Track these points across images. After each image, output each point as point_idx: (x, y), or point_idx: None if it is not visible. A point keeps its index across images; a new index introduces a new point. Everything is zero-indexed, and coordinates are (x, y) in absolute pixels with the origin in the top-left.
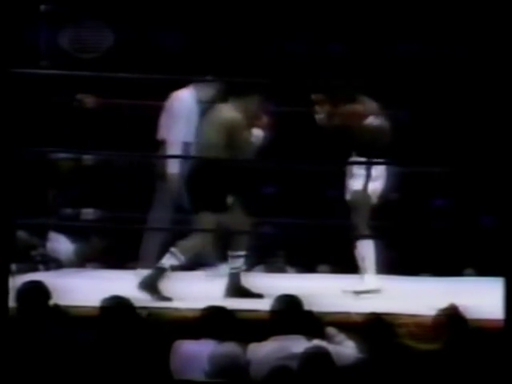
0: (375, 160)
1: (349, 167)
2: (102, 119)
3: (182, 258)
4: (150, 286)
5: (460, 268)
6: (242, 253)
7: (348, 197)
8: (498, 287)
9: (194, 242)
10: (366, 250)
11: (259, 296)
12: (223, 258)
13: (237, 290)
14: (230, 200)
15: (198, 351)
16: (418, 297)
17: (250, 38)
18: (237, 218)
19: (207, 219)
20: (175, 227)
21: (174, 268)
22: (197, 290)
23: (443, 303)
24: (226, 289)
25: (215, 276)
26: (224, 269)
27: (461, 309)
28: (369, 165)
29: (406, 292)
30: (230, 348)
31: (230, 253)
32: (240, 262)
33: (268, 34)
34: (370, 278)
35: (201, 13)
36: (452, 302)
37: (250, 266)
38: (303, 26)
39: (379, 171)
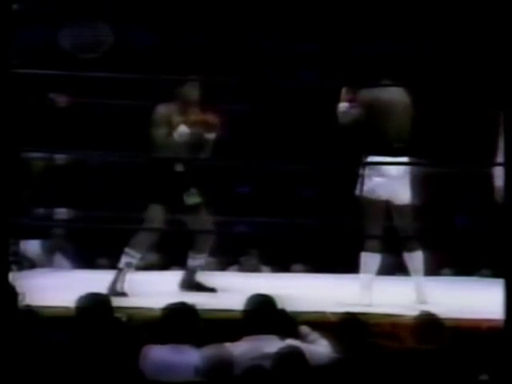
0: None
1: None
2: (76, 118)
3: (138, 255)
4: (111, 288)
5: (438, 268)
6: (202, 255)
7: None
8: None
9: (142, 236)
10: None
11: (212, 290)
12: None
13: (191, 284)
14: (190, 199)
15: (167, 357)
16: (395, 297)
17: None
18: (200, 219)
19: (155, 214)
20: (165, 228)
21: (131, 266)
22: (172, 289)
23: (419, 303)
24: (180, 283)
25: None
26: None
27: (436, 310)
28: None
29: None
30: (218, 350)
31: (190, 253)
32: (198, 263)
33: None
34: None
35: (175, 12)
36: (429, 301)
37: (224, 264)
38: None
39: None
